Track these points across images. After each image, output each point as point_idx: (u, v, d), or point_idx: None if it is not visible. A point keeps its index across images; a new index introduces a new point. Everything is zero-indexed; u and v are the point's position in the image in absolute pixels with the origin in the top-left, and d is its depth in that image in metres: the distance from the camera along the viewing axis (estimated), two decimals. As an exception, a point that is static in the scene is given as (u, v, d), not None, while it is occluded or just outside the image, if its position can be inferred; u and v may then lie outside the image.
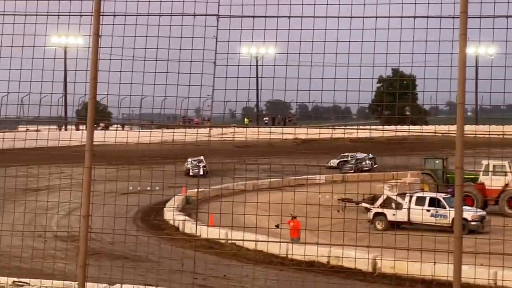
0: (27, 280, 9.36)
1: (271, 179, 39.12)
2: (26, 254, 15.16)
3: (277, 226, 15.64)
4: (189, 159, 58.19)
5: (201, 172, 55.88)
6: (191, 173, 55.70)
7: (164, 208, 37.60)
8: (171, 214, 37.53)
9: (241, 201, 10.64)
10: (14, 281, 9.31)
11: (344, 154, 63.14)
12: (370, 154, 61.73)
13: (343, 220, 10.29)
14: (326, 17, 8.50)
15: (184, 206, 41.87)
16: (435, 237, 9.57)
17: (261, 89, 9.27)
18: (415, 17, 8.31)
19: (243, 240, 14.92)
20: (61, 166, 11.87)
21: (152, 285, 9.94)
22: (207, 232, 24.60)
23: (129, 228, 23.08)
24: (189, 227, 34.29)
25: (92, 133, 8.22)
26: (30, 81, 9.05)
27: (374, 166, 60.92)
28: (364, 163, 62.20)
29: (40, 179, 11.45)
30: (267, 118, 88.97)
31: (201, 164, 57.28)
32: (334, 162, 61.67)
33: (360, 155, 63.06)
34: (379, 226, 35.44)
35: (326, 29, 8.52)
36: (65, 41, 61.12)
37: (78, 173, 10.24)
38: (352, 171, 58.27)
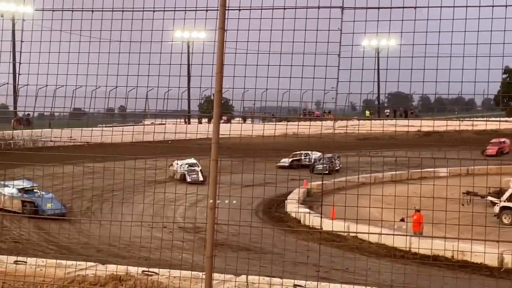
0: (156, 270, 9.59)
1: (396, 172, 38.70)
2: (153, 245, 15.57)
3: (402, 220, 15.42)
4: (178, 162, 50.48)
5: (201, 178, 48.43)
6: (188, 179, 48.97)
7: (286, 201, 37.80)
8: (292, 206, 37.69)
9: (363, 194, 10.56)
10: (143, 271, 9.55)
11: (295, 152, 55.42)
12: (337, 154, 53.78)
13: (468, 214, 10.07)
14: (454, 7, 8.32)
15: (305, 198, 42.00)
16: None
17: (386, 81, 9.16)
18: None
19: (368, 233, 14.79)
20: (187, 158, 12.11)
21: (275, 277, 9.97)
22: (330, 225, 24.55)
23: (251, 220, 23.30)
24: (311, 219, 34.34)
25: (218, 126, 8.33)
26: (158, 75, 9.26)
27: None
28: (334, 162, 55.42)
29: (167, 171, 11.73)
30: (388, 111, 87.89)
31: (198, 168, 50.24)
32: (286, 161, 54.67)
33: (314, 153, 55.29)
34: (505, 220, 34.60)
35: (453, 19, 8.33)
36: (189, 35, 62.26)
37: (203, 165, 10.41)
38: (327, 171, 52.09)
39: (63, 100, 10.40)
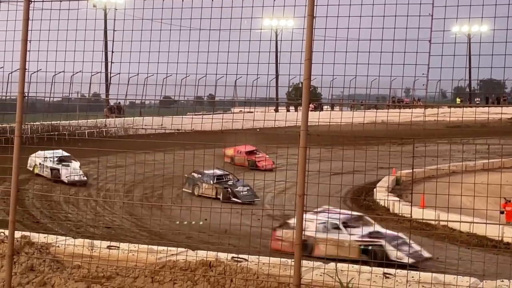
0: (245, 256, 9.67)
1: (488, 160, 37.98)
2: (242, 232, 15.71)
3: (502, 213, 15.03)
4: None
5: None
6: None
7: (375, 189, 37.63)
8: (381, 194, 37.45)
9: (455, 182, 10.40)
10: (233, 257, 9.64)
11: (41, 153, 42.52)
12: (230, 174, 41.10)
13: None
14: (550, -11, 8.07)
15: (394, 187, 41.68)
16: None
17: (478, 67, 8.96)
18: None
19: (459, 221, 14.55)
20: (276, 146, 12.13)
21: (364, 265, 9.94)
22: (420, 213, 24.33)
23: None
24: (400, 208, 34.06)
25: (307, 113, 8.31)
26: (247, 63, 9.28)
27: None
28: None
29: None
30: (478, 99, 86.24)
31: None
32: (77, 172, 43.12)
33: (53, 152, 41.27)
34: None
35: (550, 2, 8.08)
36: (277, 23, 62.39)
37: (291, 153, 10.43)
38: (255, 199, 39.03)
39: (154, 89, 10.56)
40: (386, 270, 9.09)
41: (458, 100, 78.30)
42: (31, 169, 43.59)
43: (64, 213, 34.18)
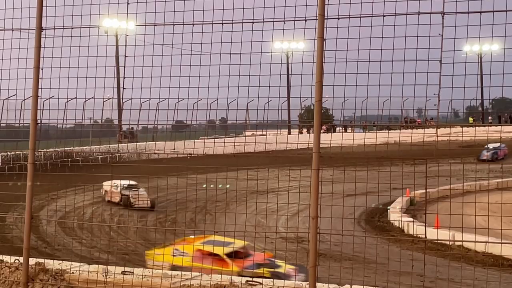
0: (259, 280, 9.63)
1: (502, 179, 37.84)
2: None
3: None
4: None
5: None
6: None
7: (389, 210, 37.48)
8: (395, 215, 37.30)
9: (469, 202, 10.35)
10: (247, 281, 9.61)
11: None
12: None
13: None
14: (560, 7, 8.07)
15: (408, 207, 41.49)
16: None
17: (489, 86, 8.96)
18: None
19: (474, 241, 14.46)
20: (289, 168, 12.14)
21: (379, 287, 9.88)
22: (435, 233, 24.18)
23: (354, 229, 23.17)
24: (414, 228, 33.90)
25: (319, 135, 8.32)
26: (258, 86, 9.32)
27: None
28: None
29: (269, 182, 11.83)
30: (490, 117, 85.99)
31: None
32: None
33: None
34: None
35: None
36: (288, 46, 62.58)
37: (304, 175, 10.41)
38: None
39: (166, 113, 10.59)
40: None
41: (470, 119, 78.12)
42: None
43: (79, 239, 34.20)
